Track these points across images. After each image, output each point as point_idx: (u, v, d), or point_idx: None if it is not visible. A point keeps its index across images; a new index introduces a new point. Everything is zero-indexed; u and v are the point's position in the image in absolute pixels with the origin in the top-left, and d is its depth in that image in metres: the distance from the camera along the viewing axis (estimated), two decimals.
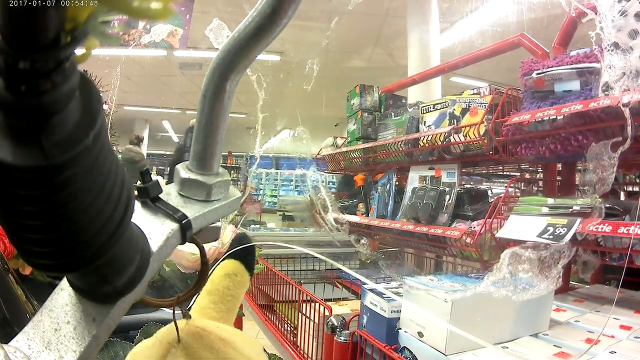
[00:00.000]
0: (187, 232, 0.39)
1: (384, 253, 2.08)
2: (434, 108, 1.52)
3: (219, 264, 0.61)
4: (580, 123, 1.05)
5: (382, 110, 2.03)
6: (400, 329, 0.88)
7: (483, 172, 1.99)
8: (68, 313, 0.32)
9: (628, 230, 0.86)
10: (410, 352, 0.83)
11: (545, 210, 1.07)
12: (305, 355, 1.14)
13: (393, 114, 1.83)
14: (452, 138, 1.39)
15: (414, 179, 1.61)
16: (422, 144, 1.52)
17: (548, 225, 1.00)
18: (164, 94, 7.48)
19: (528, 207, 1.13)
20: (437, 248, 1.48)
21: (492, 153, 1.28)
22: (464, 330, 0.67)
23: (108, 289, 0.32)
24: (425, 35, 2.58)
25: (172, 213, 0.38)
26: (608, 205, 0.98)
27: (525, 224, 1.06)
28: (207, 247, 0.65)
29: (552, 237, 0.96)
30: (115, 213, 0.27)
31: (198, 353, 0.48)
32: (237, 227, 1.25)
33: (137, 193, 0.38)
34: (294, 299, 1.26)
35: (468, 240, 1.22)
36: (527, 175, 1.74)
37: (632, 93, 0.88)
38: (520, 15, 3.19)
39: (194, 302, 0.59)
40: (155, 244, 0.36)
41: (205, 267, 0.47)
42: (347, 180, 2.56)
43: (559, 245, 0.88)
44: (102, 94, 0.25)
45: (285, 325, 1.34)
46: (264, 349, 0.59)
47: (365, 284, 0.96)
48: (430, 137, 1.45)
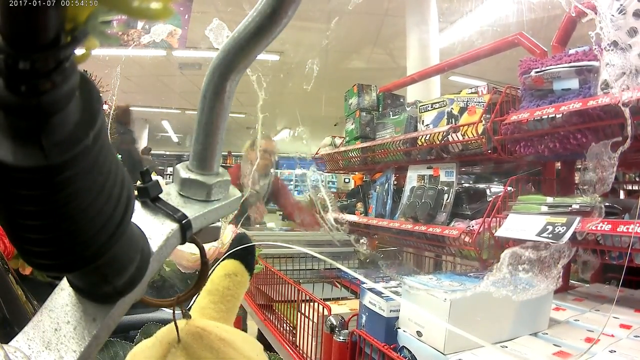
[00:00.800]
0: (187, 232, 0.39)
1: (384, 252, 2.08)
2: (432, 107, 1.51)
3: (219, 264, 0.61)
4: (579, 121, 1.05)
5: (380, 110, 2.03)
6: (399, 329, 0.88)
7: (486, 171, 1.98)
8: (68, 313, 0.32)
9: (628, 229, 0.86)
10: (409, 351, 0.83)
11: (545, 209, 1.07)
12: (305, 355, 1.14)
13: (391, 113, 1.83)
14: (450, 137, 1.39)
15: (412, 178, 1.60)
16: (420, 143, 1.52)
17: (547, 224, 1.00)
18: (164, 94, 7.48)
19: (527, 205, 1.13)
20: (435, 247, 1.48)
21: (490, 152, 1.28)
22: (463, 330, 0.67)
23: (108, 289, 0.32)
24: (425, 35, 2.58)
25: (172, 213, 0.38)
26: (607, 204, 0.98)
27: (525, 223, 1.06)
28: (207, 247, 0.65)
29: (551, 236, 0.96)
30: (115, 213, 0.27)
31: (198, 353, 0.48)
32: (237, 227, 1.26)
33: (137, 193, 0.38)
34: (293, 299, 1.25)
35: (467, 239, 1.22)
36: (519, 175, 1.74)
37: (631, 91, 0.88)
38: (520, 15, 3.20)
39: (194, 302, 0.59)
40: (155, 244, 0.36)
41: (205, 267, 0.47)
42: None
43: (559, 245, 0.88)
44: (102, 94, 0.25)
45: (285, 325, 1.34)
46: (264, 349, 0.59)
47: (364, 284, 0.96)
48: (428, 136, 1.45)
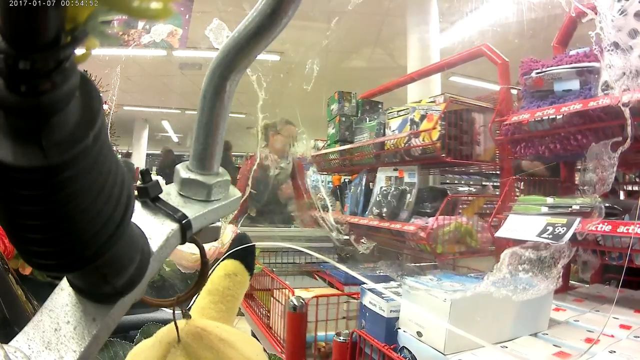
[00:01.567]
0: (187, 232, 0.39)
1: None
2: (398, 114, 1.62)
3: (219, 264, 0.61)
4: (580, 122, 1.05)
5: (359, 115, 2.14)
6: (399, 329, 0.88)
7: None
8: (68, 313, 0.32)
9: (627, 230, 0.86)
10: (410, 351, 0.83)
11: (545, 210, 1.07)
12: (276, 334, 1.27)
13: (367, 119, 1.94)
14: (411, 142, 1.50)
15: (381, 179, 1.72)
16: (387, 147, 1.64)
17: (547, 225, 0.99)
18: (164, 94, 7.47)
19: (527, 206, 1.13)
20: (398, 242, 1.62)
21: (443, 156, 1.38)
22: (463, 330, 0.67)
23: (108, 289, 0.32)
24: (425, 35, 2.58)
25: (172, 213, 0.38)
26: (607, 205, 0.98)
27: (525, 224, 1.06)
28: (207, 247, 0.65)
29: (551, 236, 0.96)
30: (115, 213, 0.27)
31: (198, 353, 0.48)
32: (237, 226, 1.26)
33: (137, 193, 0.38)
34: (269, 287, 1.41)
35: (422, 234, 1.32)
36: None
37: (632, 92, 0.88)
38: (520, 15, 3.20)
39: (194, 302, 0.59)
40: (155, 244, 0.36)
41: (205, 267, 0.47)
42: None
43: (559, 245, 0.88)
44: (102, 94, 0.25)
45: (262, 310, 1.49)
46: (264, 349, 0.59)
47: (364, 284, 0.96)
48: (393, 140, 1.57)
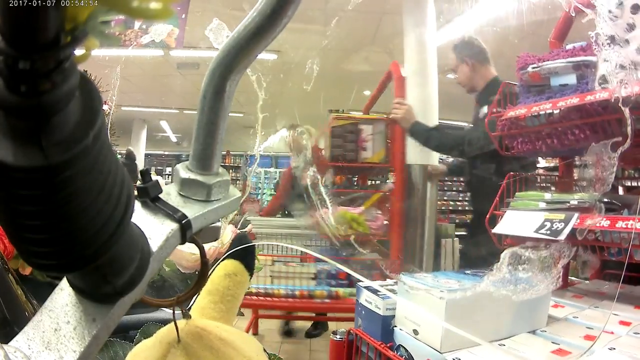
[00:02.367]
0: (187, 232, 0.39)
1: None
2: None
3: (219, 264, 0.61)
4: (577, 117, 1.05)
5: None
6: (396, 327, 0.88)
7: None
8: (68, 313, 0.32)
9: (626, 225, 0.86)
10: (406, 349, 0.83)
11: (543, 206, 1.07)
12: None
13: None
14: None
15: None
16: None
17: (545, 221, 1.00)
18: (162, 94, 7.46)
19: (525, 202, 1.13)
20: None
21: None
22: (460, 328, 0.67)
23: (108, 289, 0.32)
24: (422, 35, 2.58)
25: (172, 213, 0.38)
26: (606, 200, 0.98)
27: (522, 220, 1.06)
28: (207, 247, 0.65)
29: (549, 232, 0.96)
30: (115, 213, 0.27)
31: (198, 353, 0.48)
32: (236, 227, 1.26)
33: (137, 193, 0.38)
34: None
35: None
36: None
37: (629, 86, 0.87)
38: (521, 16, 3.20)
39: (194, 302, 0.59)
40: (155, 244, 0.36)
41: (205, 267, 0.47)
42: None
43: (559, 245, 0.88)
44: (101, 94, 0.25)
45: None
46: (264, 349, 0.59)
47: (360, 282, 0.96)
48: None
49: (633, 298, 1.05)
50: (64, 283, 0.34)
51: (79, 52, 0.21)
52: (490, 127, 1.28)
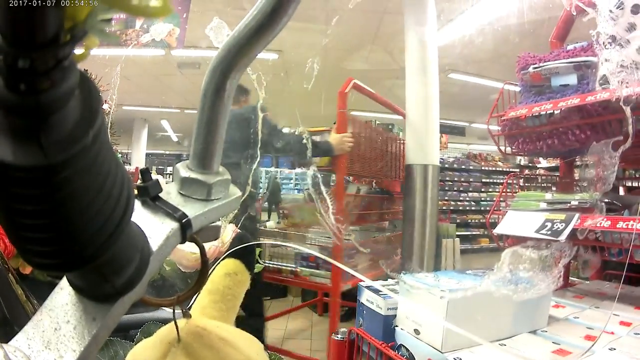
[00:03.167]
0: (187, 231, 0.39)
1: None
2: None
3: (220, 263, 0.61)
4: (578, 117, 1.05)
5: None
6: (397, 327, 0.88)
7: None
8: (68, 312, 0.32)
9: (627, 225, 0.86)
10: (407, 349, 0.83)
11: (544, 206, 1.07)
12: None
13: None
14: None
15: None
16: None
17: (546, 221, 1.00)
18: (163, 94, 7.47)
19: (526, 202, 1.13)
20: None
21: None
22: (461, 328, 0.67)
23: (108, 288, 0.32)
24: (423, 34, 2.57)
25: (172, 212, 0.38)
26: (607, 201, 0.98)
27: (523, 220, 1.06)
28: (207, 246, 0.65)
29: (550, 232, 0.96)
30: (115, 212, 0.27)
31: (198, 352, 0.48)
32: (237, 226, 1.26)
33: (136, 192, 0.38)
34: None
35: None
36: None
37: (630, 86, 0.87)
38: (521, 15, 3.19)
39: (194, 301, 0.59)
40: (155, 243, 0.36)
41: (206, 266, 0.47)
42: None
43: (560, 244, 0.88)
44: (101, 93, 0.25)
45: None
46: (264, 348, 0.59)
47: (362, 282, 0.96)
48: None
49: (633, 298, 1.05)
50: (64, 282, 0.34)
51: (79, 50, 0.21)
52: None
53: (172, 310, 0.47)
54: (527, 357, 0.74)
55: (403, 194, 2.71)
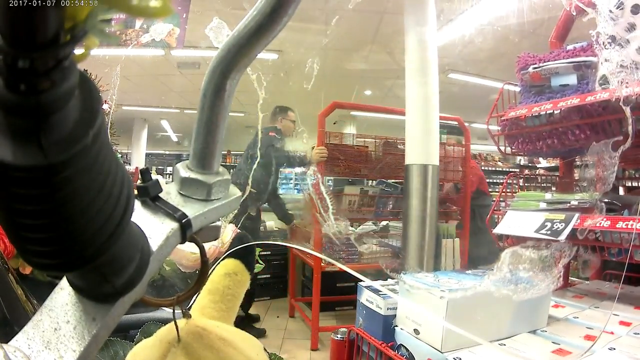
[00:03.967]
0: (187, 231, 0.39)
1: None
2: None
3: (219, 263, 0.61)
4: (577, 117, 1.05)
5: None
6: (397, 327, 0.88)
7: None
8: (68, 312, 0.32)
9: (627, 225, 0.86)
10: (407, 349, 0.83)
11: (543, 206, 1.07)
12: None
13: None
14: None
15: None
16: None
17: (546, 221, 1.00)
18: (163, 94, 7.46)
19: (526, 202, 1.13)
20: None
21: None
22: (461, 328, 0.67)
23: (108, 289, 0.32)
24: (423, 34, 2.57)
25: (172, 212, 0.38)
26: (607, 200, 0.98)
27: (523, 220, 1.06)
28: (207, 246, 0.65)
29: (550, 232, 0.96)
30: (115, 212, 0.27)
31: (198, 352, 0.48)
32: (237, 226, 1.26)
33: (136, 192, 0.38)
34: None
35: None
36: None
37: (629, 86, 0.87)
38: (521, 14, 3.19)
39: (194, 301, 0.59)
40: (155, 243, 0.36)
41: (206, 266, 0.47)
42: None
43: (560, 244, 0.88)
44: (101, 94, 0.25)
45: None
46: (264, 348, 0.59)
47: (362, 281, 0.96)
48: None
49: (633, 298, 1.05)
50: (64, 282, 0.34)
51: (79, 50, 0.21)
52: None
53: (172, 310, 0.47)
54: (526, 357, 0.74)
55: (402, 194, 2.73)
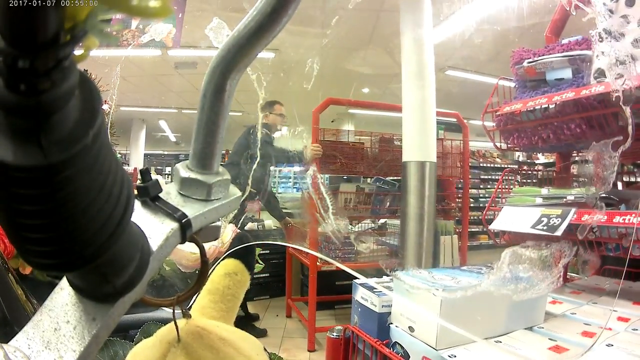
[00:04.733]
0: (187, 231, 0.39)
1: None
2: None
3: (219, 263, 0.61)
4: (573, 111, 1.05)
5: None
6: (392, 324, 0.88)
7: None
8: (68, 312, 0.32)
9: (624, 220, 0.86)
10: (402, 347, 0.83)
11: (540, 201, 1.07)
12: None
13: None
14: None
15: None
16: None
17: (542, 216, 0.99)
18: (161, 94, 7.44)
19: (522, 197, 1.13)
20: None
21: None
22: (456, 325, 0.66)
23: (108, 289, 0.32)
24: (420, 33, 2.57)
25: (172, 212, 0.38)
26: (604, 195, 0.98)
27: (519, 215, 1.06)
28: (207, 246, 0.65)
29: (546, 227, 0.96)
30: (115, 212, 0.27)
31: (198, 352, 0.48)
32: (237, 226, 1.25)
33: (136, 192, 0.38)
34: None
35: None
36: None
37: (626, 79, 0.87)
38: (520, 12, 3.19)
39: (194, 301, 0.59)
40: (155, 243, 0.36)
41: (206, 266, 0.47)
42: None
43: (560, 244, 0.88)
44: (101, 94, 0.25)
45: None
46: (264, 348, 0.59)
47: (357, 279, 0.96)
48: None
49: (631, 294, 1.05)
50: (64, 282, 0.34)
51: (79, 51, 0.21)
52: None
53: (172, 310, 0.47)
54: (522, 354, 0.74)
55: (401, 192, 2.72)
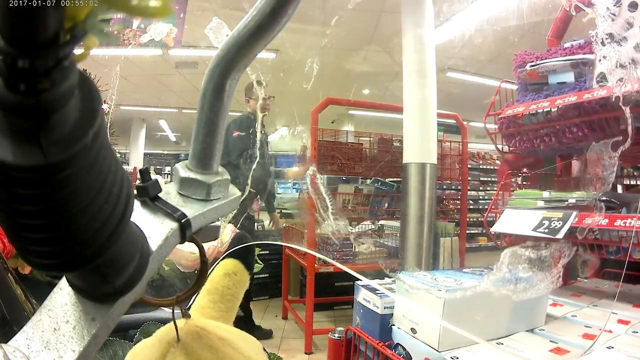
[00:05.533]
0: (186, 231, 0.39)
1: None
2: None
3: (219, 263, 0.61)
4: (575, 115, 1.05)
5: None
6: (394, 326, 0.88)
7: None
8: (67, 312, 0.32)
9: (625, 223, 0.86)
10: (404, 348, 0.83)
11: (541, 204, 1.07)
12: None
13: None
14: None
15: None
16: None
17: (544, 219, 1.00)
18: (161, 94, 7.45)
19: (523, 200, 1.13)
20: None
21: None
22: (458, 327, 0.66)
23: (107, 289, 0.32)
24: (421, 34, 2.57)
25: (171, 212, 0.38)
26: (605, 199, 0.98)
27: (521, 218, 1.06)
28: (206, 246, 0.65)
29: (547, 230, 0.96)
30: (115, 212, 0.27)
31: (197, 352, 0.48)
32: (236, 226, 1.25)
33: (136, 192, 0.38)
34: None
35: None
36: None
37: (627, 83, 0.87)
38: (520, 14, 3.19)
39: (194, 301, 0.59)
40: (155, 243, 0.36)
41: (205, 266, 0.47)
42: None
43: (560, 244, 0.88)
44: (101, 93, 0.25)
45: None
46: (264, 348, 0.59)
47: (359, 281, 0.96)
48: None
49: (632, 296, 1.05)
50: (63, 282, 0.34)
51: (78, 50, 0.21)
52: None
53: (171, 310, 0.47)
54: (524, 356, 0.74)
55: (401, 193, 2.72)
